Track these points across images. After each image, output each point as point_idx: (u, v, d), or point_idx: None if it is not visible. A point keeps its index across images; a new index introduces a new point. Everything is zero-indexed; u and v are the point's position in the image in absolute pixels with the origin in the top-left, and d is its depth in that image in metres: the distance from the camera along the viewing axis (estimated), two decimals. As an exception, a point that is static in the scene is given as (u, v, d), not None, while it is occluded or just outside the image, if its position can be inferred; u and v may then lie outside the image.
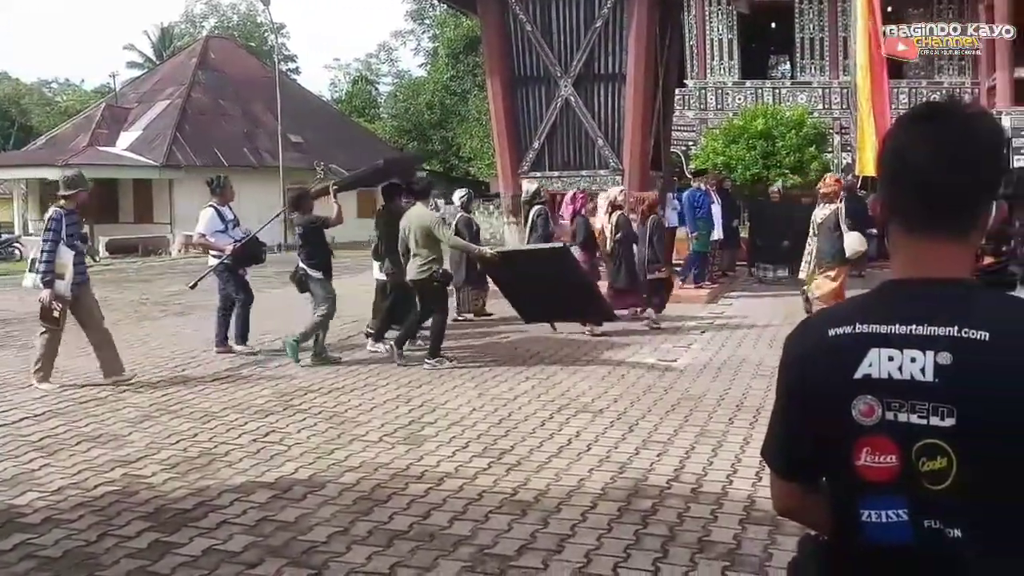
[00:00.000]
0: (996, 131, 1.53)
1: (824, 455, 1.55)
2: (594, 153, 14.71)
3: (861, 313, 1.52)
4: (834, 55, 25.15)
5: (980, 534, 1.39)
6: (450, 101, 46.41)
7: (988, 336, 1.38)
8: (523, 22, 14.64)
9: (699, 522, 4.84)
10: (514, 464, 5.93)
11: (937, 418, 1.39)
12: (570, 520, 4.89)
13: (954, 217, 1.48)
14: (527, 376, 8.66)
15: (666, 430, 6.68)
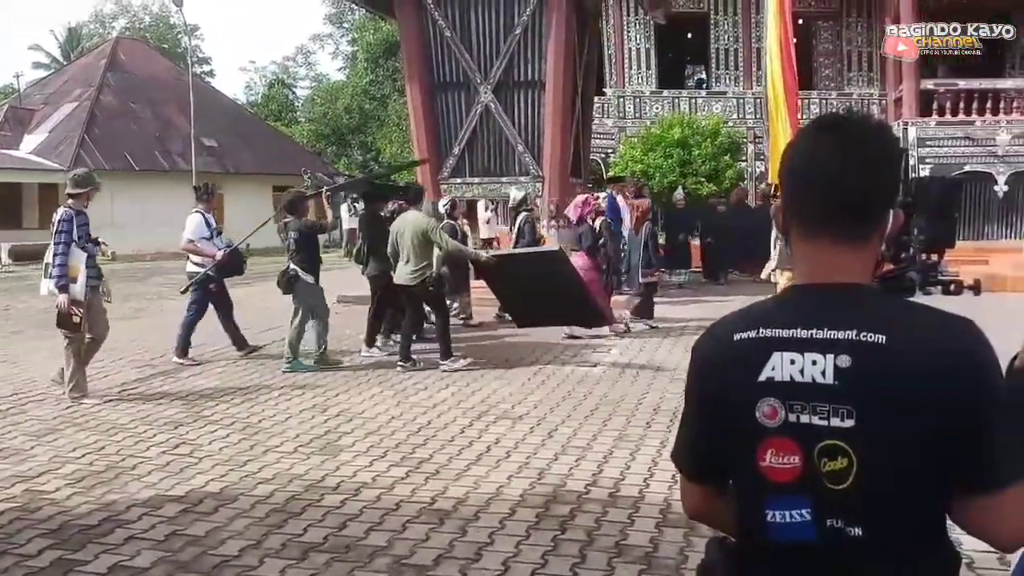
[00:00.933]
0: (893, 142, 1.59)
1: (730, 458, 1.57)
2: (514, 160, 14.73)
3: (765, 318, 1.55)
4: (748, 66, 25.65)
5: (880, 533, 1.42)
6: (369, 106, 46.06)
7: (885, 339, 1.41)
8: (442, 28, 14.59)
9: (617, 526, 4.85)
10: (433, 472, 5.88)
11: (837, 419, 1.42)
12: (488, 528, 4.86)
13: (853, 224, 1.52)
14: (447, 383, 8.61)
15: (585, 435, 6.70)
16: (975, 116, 21.05)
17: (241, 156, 34.81)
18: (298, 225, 9.58)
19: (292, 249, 9.48)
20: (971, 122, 21.05)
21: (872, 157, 1.52)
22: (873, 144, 1.53)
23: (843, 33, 25.81)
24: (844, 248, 1.52)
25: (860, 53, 25.78)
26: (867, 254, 1.54)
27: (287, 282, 9.40)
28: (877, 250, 1.55)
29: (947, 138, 21.20)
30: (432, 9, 14.59)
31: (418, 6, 14.69)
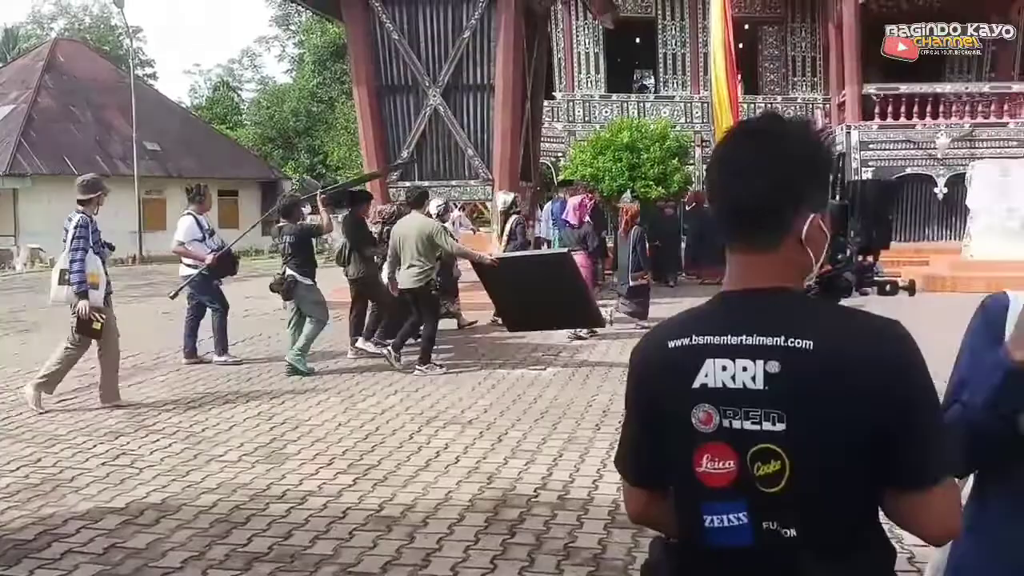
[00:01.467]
0: (810, 143, 1.56)
1: (669, 462, 1.58)
2: (464, 163, 14.68)
3: (697, 325, 1.56)
4: (695, 70, 25.89)
5: (815, 533, 1.44)
6: (317, 108, 45.68)
7: (812, 345, 1.43)
8: (390, 31, 14.49)
9: (565, 529, 4.84)
10: (380, 479, 5.81)
11: (769, 423, 1.44)
12: (437, 534, 4.81)
13: (763, 229, 1.52)
14: (395, 389, 8.53)
15: (534, 438, 6.68)
16: (915, 120, 21.46)
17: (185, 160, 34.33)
18: (293, 229, 9.56)
19: (288, 253, 9.45)
20: (911, 126, 21.46)
21: (775, 161, 1.52)
22: (779, 148, 1.53)
23: (788, 38, 26.18)
24: (758, 253, 1.53)
25: (804, 58, 26.16)
26: (785, 257, 1.53)
27: (286, 287, 9.36)
28: (798, 252, 1.53)
29: (888, 141, 21.59)
30: (379, 11, 14.48)
31: (365, 8, 14.57)
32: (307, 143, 46.36)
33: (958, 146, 21.17)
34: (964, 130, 21.29)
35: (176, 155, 34.19)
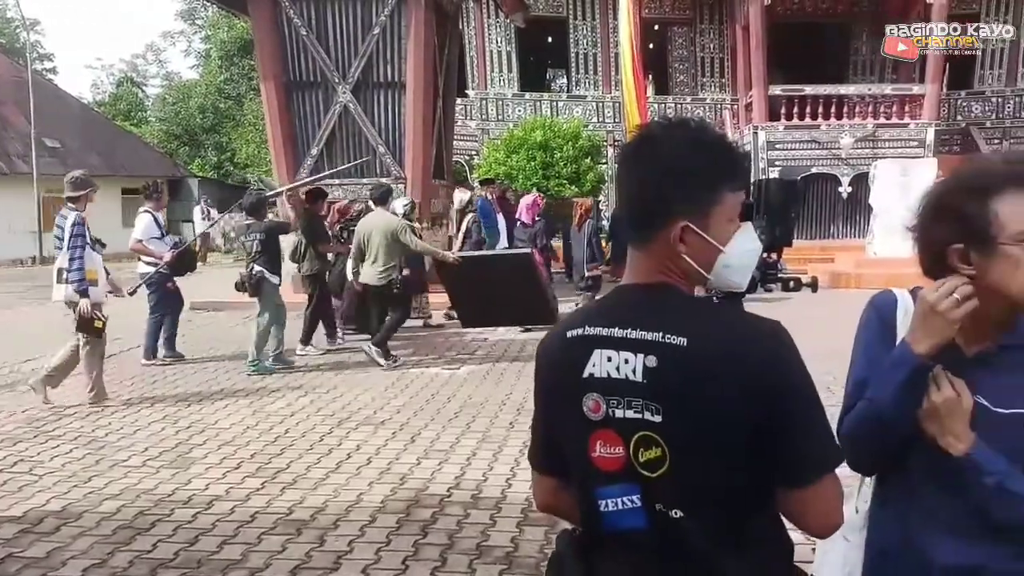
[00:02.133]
0: (698, 145, 1.57)
1: (568, 450, 1.64)
2: (375, 161, 14.52)
3: (591, 317, 1.64)
4: (607, 70, 26.14)
5: (699, 517, 1.50)
6: (224, 105, 44.72)
7: (685, 342, 1.48)
8: (297, 26, 14.24)
9: (478, 528, 4.82)
10: (290, 483, 5.70)
11: (649, 413, 1.50)
12: (348, 536, 4.75)
13: (642, 228, 1.59)
14: (306, 391, 8.38)
15: (448, 438, 6.64)
16: (820, 120, 22.00)
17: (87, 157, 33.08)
18: (262, 226, 9.51)
19: (256, 251, 9.36)
20: (816, 126, 22.01)
21: (658, 163, 1.56)
22: (664, 150, 1.57)
23: (696, 39, 26.62)
24: (643, 249, 1.60)
25: (713, 59, 26.64)
26: (662, 257, 1.57)
27: (255, 284, 9.30)
28: (675, 256, 1.56)
29: (794, 142, 22.12)
30: (287, 7, 14.22)
31: (272, 3, 14.28)
32: (214, 140, 45.35)
33: (861, 146, 21.79)
34: (867, 130, 21.91)
35: (78, 152, 33.00)
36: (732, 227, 1.58)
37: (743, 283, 1.64)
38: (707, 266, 1.57)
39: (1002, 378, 1.68)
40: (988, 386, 1.69)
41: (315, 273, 10.29)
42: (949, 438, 1.69)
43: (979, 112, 25.35)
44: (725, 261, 1.58)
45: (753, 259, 1.64)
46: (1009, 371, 1.68)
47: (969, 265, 1.67)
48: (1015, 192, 1.63)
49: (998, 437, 1.66)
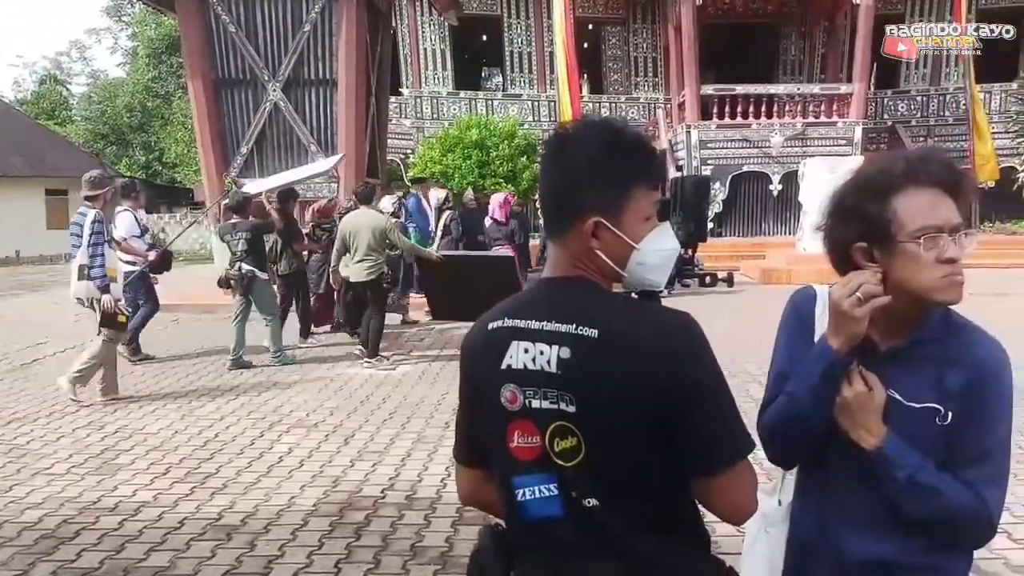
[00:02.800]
0: (613, 143, 1.59)
1: (489, 440, 1.65)
2: (307, 159, 14.33)
3: (512, 309, 1.65)
4: (541, 69, 26.21)
5: (614, 503, 1.53)
6: (152, 103, 43.83)
7: (597, 334, 1.51)
8: (226, 23, 14.01)
9: (412, 528, 4.76)
10: (219, 487, 5.57)
11: (564, 404, 1.53)
12: (279, 540, 4.65)
13: (555, 222, 1.63)
14: (237, 394, 8.23)
15: (382, 439, 6.56)
16: (751, 119, 22.32)
17: (8, 158, 32.32)
18: (248, 225, 9.66)
19: (243, 249, 9.50)
20: (748, 125, 22.32)
21: (568, 161, 1.60)
22: (572, 149, 1.60)
23: (630, 39, 26.83)
24: (558, 244, 1.63)
25: (646, 58, 26.88)
26: (575, 252, 1.60)
27: (246, 283, 9.50)
28: (587, 251, 1.59)
29: (726, 140, 22.41)
30: (215, 4, 13.99)
31: (200, 0, 14.04)
32: (142, 139, 44.43)
33: (791, 145, 22.16)
34: (797, 129, 22.30)
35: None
36: (648, 225, 1.61)
37: (660, 282, 1.65)
38: (621, 262, 1.60)
39: (914, 373, 1.71)
40: (901, 381, 1.71)
41: (292, 272, 10.53)
42: (861, 432, 1.72)
43: (905, 111, 25.97)
44: (639, 259, 1.60)
45: (670, 259, 1.66)
46: (920, 366, 1.71)
47: (874, 263, 1.70)
48: (913, 191, 1.67)
49: (910, 431, 1.69)
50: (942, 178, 1.68)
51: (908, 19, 25.48)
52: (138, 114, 43.87)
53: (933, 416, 1.68)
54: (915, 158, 1.72)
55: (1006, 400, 1.70)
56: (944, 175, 1.68)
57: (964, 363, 1.68)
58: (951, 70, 24.52)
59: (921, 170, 1.69)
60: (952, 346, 1.71)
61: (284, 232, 10.42)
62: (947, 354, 1.70)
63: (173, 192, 41.03)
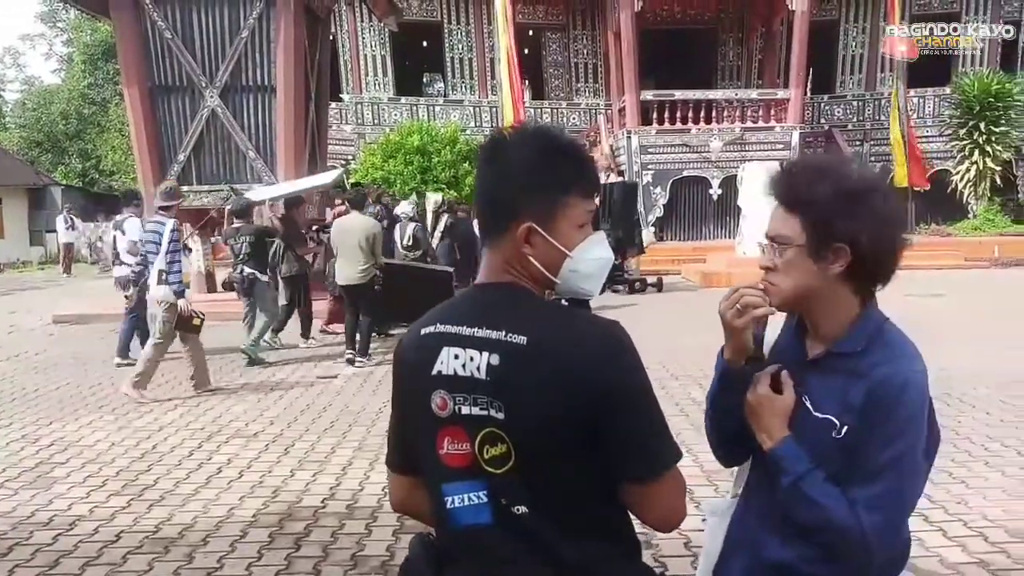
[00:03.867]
0: (547, 150, 1.60)
1: (419, 447, 1.65)
2: (246, 166, 14.19)
3: (445, 314, 1.65)
4: (483, 75, 26.22)
5: (543, 511, 1.53)
6: (89, 110, 42.94)
7: (526, 341, 1.51)
8: (162, 29, 13.81)
9: (353, 538, 4.75)
10: (157, 499, 5.51)
11: (493, 410, 1.52)
12: (218, 552, 4.61)
13: (489, 228, 1.63)
14: (176, 404, 8.12)
15: (323, 448, 6.53)
16: (691, 124, 22.56)
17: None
18: (251, 230, 10.29)
19: (246, 252, 10.08)
20: (687, 130, 22.56)
21: (498, 167, 1.61)
22: (504, 155, 1.61)
23: (571, 45, 26.96)
24: (492, 251, 1.64)
25: (587, 64, 27.03)
26: (508, 258, 1.61)
27: (247, 285, 10.12)
28: (520, 257, 1.59)
29: (666, 145, 22.62)
30: (151, 9, 13.77)
31: (135, 6, 13.82)
32: (79, 147, 43.50)
33: (730, 149, 22.45)
34: (735, 134, 22.59)
35: (-74, 160, 31.34)
36: (582, 233, 1.61)
37: (593, 290, 1.66)
38: (553, 269, 1.60)
39: (826, 382, 1.73)
40: (814, 389, 1.75)
41: (294, 275, 10.88)
42: (762, 434, 1.76)
43: (841, 115, 26.45)
44: (572, 266, 1.60)
45: (604, 267, 1.66)
46: (833, 376, 1.73)
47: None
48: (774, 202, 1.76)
49: (811, 440, 1.72)
50: (775, 191, 1.76)
51: (842, 24, 26.00)
52: (74, 121, 42.95)
53: (830, 428, 1.69)
54: (783, 168, 1.79)
55: (907, 421, 1.66)
56: (776, 189, 1.76)
57: (868, 378, 1.67)
58: (886, 75, 25.01)
59: (769, 184, 1.78)
60: (866, 360, 1.70)
61: (286, 236, 10.80)
62: (858, 367, 1.69)
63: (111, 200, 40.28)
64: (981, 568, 4.22)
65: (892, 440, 1.63)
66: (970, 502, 5.11)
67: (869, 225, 1.66)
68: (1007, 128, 22.82)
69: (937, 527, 4.76)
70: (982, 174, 22.99)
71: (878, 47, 25.46)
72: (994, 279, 17.17)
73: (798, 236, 1.70)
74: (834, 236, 1.66)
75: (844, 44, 26.26)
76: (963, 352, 9.41)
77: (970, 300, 13.90)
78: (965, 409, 7.23)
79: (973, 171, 23.01)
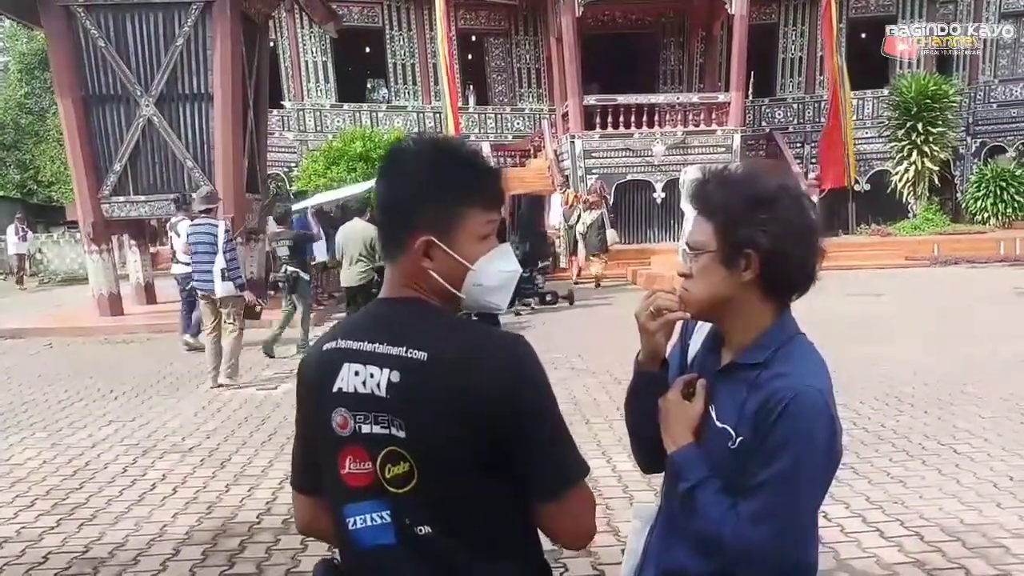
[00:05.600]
0: (446, 162, 1.58)
1: (322, 467, 1.60)
2: (183, 176, 13.96)
3: (346, 330, 1.62)
4: (426, 81, 26.17)
5: (447, 530, 1.50)
6: (26, 120, 42.06)
7: (427, 356, 1.48)
8: (95, 37, 13.54)
9: (288, 554, 4.69)
10: (88, 518, 5.39)
11: (394, 429, 1.49)
12: (149, 572, 4.55)
13: (389, 242, 1.61)
14: (110, 420, 7.95)
15: (260, 462, 6.44)
16: (633, 128, 22.69)
17: None
18: (291, 234, 11.36)
19: (287, 255, 10.99)
20: (630, 134, 22.68)
21: (396, 180, 1.60)
22: (401, 168, 1.59)
23: (513, 50, 27.01)
24: (392, 265, 1.61)
25: (530, 69, 27.09)
26: (409, 272, 1.58)
27: (292, 282, 10.95)
28: (421, 271, 1.57)
29: (610, 149, 22.72)
30: (83, 18, 13.50)
31: (67, 15, 13.53)
32: (16, 157, 42.57)
33: (673, 153, 22.60)
34: (677, 138, 22.75)
35: None
36: (485, 246, 1.58)
37: (501, 304, 1.64)
38: (456, 283, 1.57)
39: (731, 391, 1.72)
40: (721, 397, 1.74)
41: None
42: (668, 439, 1.76)
43: (782, 118, 26.80)
44: (475, 279, 1.57)
45: (510, 280, 1.64)
46: (737, 385, 1.71)
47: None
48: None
49: (710, 448, 1.71)
50: (692, 200, 1.77)
51: (781, 28, 26.36)
52: (11, 131, 42.02)
53: (726, 438, 1.68)
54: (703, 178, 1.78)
55: (795, 435, 1.59)
56: (693, 197, 1.77)
57: (763, 391, 1.64)
58: (824, 78, 25.39)
59: (689, 193, 1.79)
60: (767, 371, 1.67)
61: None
62: (758, 379, 1.67)
63: (50, 211, 39.48)
64: (917, 568, 4.28)
65: (777, 454, 1.59)
66: (907, 502, 5.19)
67: (776, 231, 1.65)
68: (944, 129, 23.27)
69: (874, 527, 4.82)
70: (920, 174, 23.43)
71: (816, 50, 25.89)
72: (933, 278, 17.50)
73: (710, 242, 1.70)
74: (742, 242, 1.66)
75: (784, 47, 26.63)
76: (902, 351, 9.58)
77: (910, 300, 14.15)
78: (904, 408, 7.35)
79: (912, 171, 23.44)
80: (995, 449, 6.16)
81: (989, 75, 25.99)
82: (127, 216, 14.22)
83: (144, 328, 13.39)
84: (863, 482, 5.54)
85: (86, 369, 10.43)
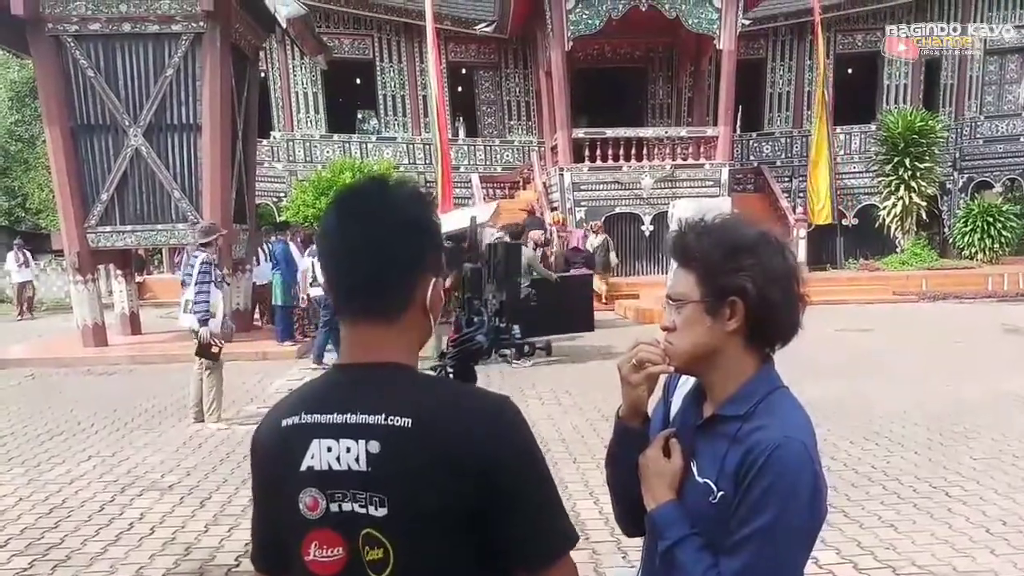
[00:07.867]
0: (416, 208, 1.50)
1: (286, 551, 1.47)
2: (171, 206, 13.91)
3: (307, 402, 1.47)
4: (415, 113, 26.22)
5: None
6: (15, 148, 42.01)
7: (411, 423, 1.36)
8: (84, 67, 13.52)
9: (267, 600, 4.54)
10: (62, 559, 5.27)
11: (373, 507, 1.37)
12: (122, 618, 4.39)
13: (377, 299, 1.45)
14: (90, 455, 7.82)
15: (240, 501, 6.31)
16: (622, 162, 22.74)
17: None
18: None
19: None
20: (619, 167, 22.71)
21: (379, 228, 1.45)
22: (381, 213, 1.47)
23: (503, 83, 27.10)
24: (370, 325, 1.46)
25: (519, 102, 27.17)
26: (400, 328, 1.47)
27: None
28: (420, 321, 1.50)
29: (599, 182, 22.75)
30: (73, 48, 13.49)
31: (57, 44, 13.51)
32: (5, 185, 42.47)
33: (661, 186, 22.63)
34: (666, 171, 22.79)
35: None
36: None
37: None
38: (435, 323, 1.54)
39: (711, 445, 1.67)
40: (700, 452, 1.69)
41: None
42: (648, 497, 1.71)
43: (769, 152, 26.92)
44: None
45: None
46: (716, 439, 1.66)
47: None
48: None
49: (691, 504, 1.66)
50: (672, 251, 1.73)
51: (769, 63, 26.55)
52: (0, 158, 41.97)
53: (707, 493, 1.63)
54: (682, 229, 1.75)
55: (777, 491, 1.54)
56: (672, 248, 1.73)
57: (743, 444, 1.59)
58: (811, 112, 25.54)
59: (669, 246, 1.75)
60: (748, 424, 1.62)
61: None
62: (739, 432, 1.61)
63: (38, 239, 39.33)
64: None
65: (759, 508, 1.53)
66: (899, 547, 5.11)
67: (760, 277, 1.61)
68: (931, 164, 23.42)
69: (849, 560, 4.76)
70: (908, 209, 23.55)
71: (804, 85, 26.07)
72: (921, 313, 17.53)
73: (693, 292, 1.66)
74: (727, 289, 1.62)
75: (771, 82, 26.80)
76: (891, 389, 9.54)
77: (898, 335, 14.14)
78: (894, 449, 7.29)
79: (899, 206, 23.55)
80: (987, 492, 6.09)
81: (975, 111, 26.22)
82: (113, 246, 14.13)
83: (127, 359, 13.26)
84: (854, 526, 5.46)
85: (68, 401, 10.29)
